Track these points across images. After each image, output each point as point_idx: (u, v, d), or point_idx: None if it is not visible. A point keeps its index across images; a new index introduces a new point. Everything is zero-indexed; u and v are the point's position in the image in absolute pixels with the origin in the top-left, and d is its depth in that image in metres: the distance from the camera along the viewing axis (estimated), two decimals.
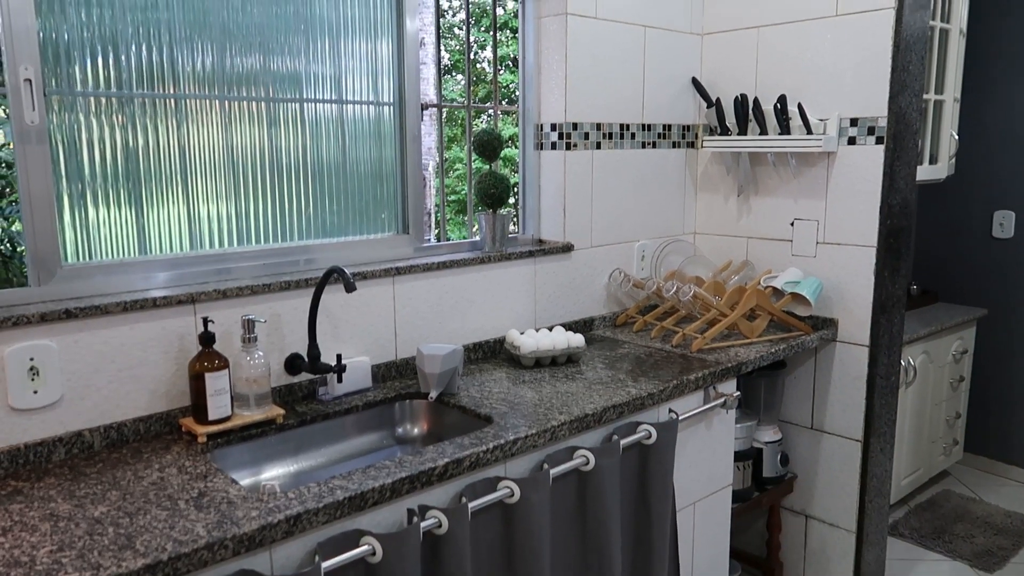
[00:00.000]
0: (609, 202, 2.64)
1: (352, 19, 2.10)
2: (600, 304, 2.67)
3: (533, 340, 2.19)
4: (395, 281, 2.09)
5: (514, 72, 2.44)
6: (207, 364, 1.67)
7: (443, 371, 1.94)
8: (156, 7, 1.76)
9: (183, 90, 1.82)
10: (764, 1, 2.66)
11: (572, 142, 2.48)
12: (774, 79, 2.67)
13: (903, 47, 2.38)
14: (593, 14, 2.47)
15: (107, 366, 1.63)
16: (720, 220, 2.90)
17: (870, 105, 2.44)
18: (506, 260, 2.35)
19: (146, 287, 1.77)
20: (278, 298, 1.88)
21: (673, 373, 2.11)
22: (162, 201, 1.83)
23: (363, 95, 2.14)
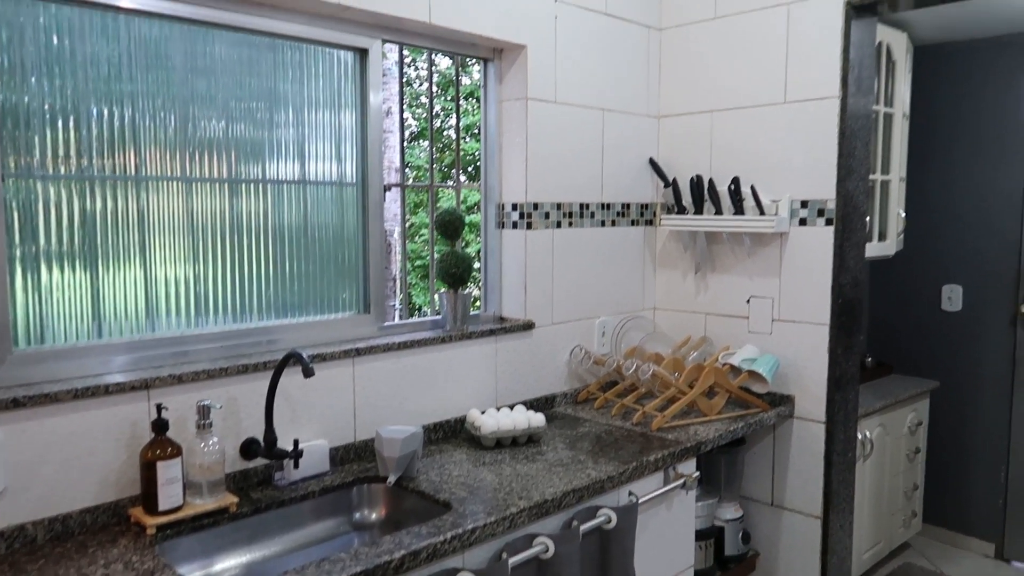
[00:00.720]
0: (570, 279, 2.68)
1: (317, 92, 2.14)
2: (561, 381, 2.68)
3: (494, 420, 2.18)
4: (355, 362, 2.09)
5: (478, 140, 2.57)
6: (159, 452, 1.64)
7: (402, 454, 1.92)
8: (120, 78, 1.78)
9: (144, 156, 1.82)
10: (717, 87, 2.78)
11: (533, 221, 2.53)
12: (728, 161, 2.76)
13: (848, 134, 2.49)
14: (553, 99, 2.55)
15: (54, 455, 1.59)
16: (678, 296, 2.96)
17: (819, 188, 2.53)
18: (467, 339, 2.36)
19: (100, 372, 1.74)
20: (235, 382, 1.85)
21: (633, 453, 2.12)
22: (119, 267, 1.81)
23: (326, 167, 2.17)
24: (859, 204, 2.58)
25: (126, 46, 1.79)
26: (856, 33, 2.47)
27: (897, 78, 3.22)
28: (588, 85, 2.67)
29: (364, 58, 2.20)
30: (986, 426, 3.74)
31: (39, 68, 1.66)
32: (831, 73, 2.48)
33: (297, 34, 2.04)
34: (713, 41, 2.78)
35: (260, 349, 2.01)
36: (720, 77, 2.77)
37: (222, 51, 1.94)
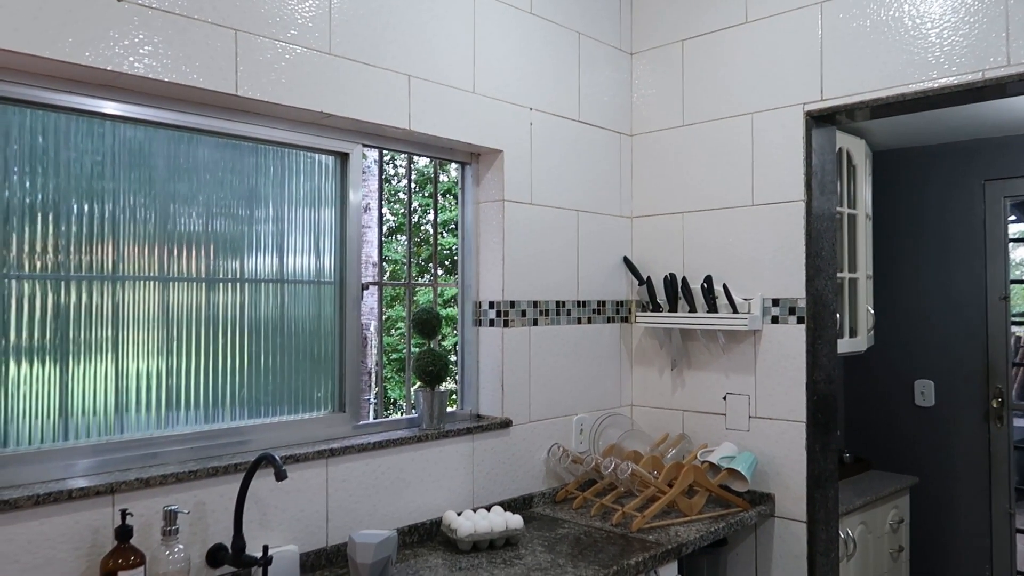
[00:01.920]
0: (547, 376, 2.68)
1: (297, 191, 2.18)
2: (539, 480, 2.64)
3: (470, 523, 2.13)
4: (328, 463, 2.04)
5: (456, 235, 2.62)
6: (121, 561, 1.57)
7: (376, 560, 1.86)
8: (102, 176, 1.81)
9: (123, 251, 1.83)
10: (687, 189, 2.87)
11: (510, 319, 2.55)
12: (700, 259, 2.83)
13: (815, 235, 2.58)
14: (528, 200, 2.62)
15: (9, 567, 1.51)
16: (655, 393, 2.96)
17: (789, 287, 2.59)
18: (444, 437, 2.33)
19: (64, 476, 1.68)
20: (204, 485, 1.80)
21: (613, 556, 2.07)
22: (90, 361, 1.78)
23: (305, 263, 2.18)
24: (829, 302, 2.64)
25: (110, 146, 1.82)
26: (817, 140, 2.59)
27: (858, 181, 3.36)
28: (563, 187, 2.75)
29: (345, 161, 2.26)
30: (968, 523, 3.71)
31: (22, 166, 1.69)
32: (795, 177, 2.58)
33: (279, 139, 2.10)
34: (682, 147, 2.89)
35: (231, 450, 1.96)
36: (690, 180, 2.87)
37: (204, 153, 1.99)
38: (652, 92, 3.00)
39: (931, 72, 2.31)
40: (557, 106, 2.74)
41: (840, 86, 2.49)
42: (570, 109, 2.79)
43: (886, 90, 2.39)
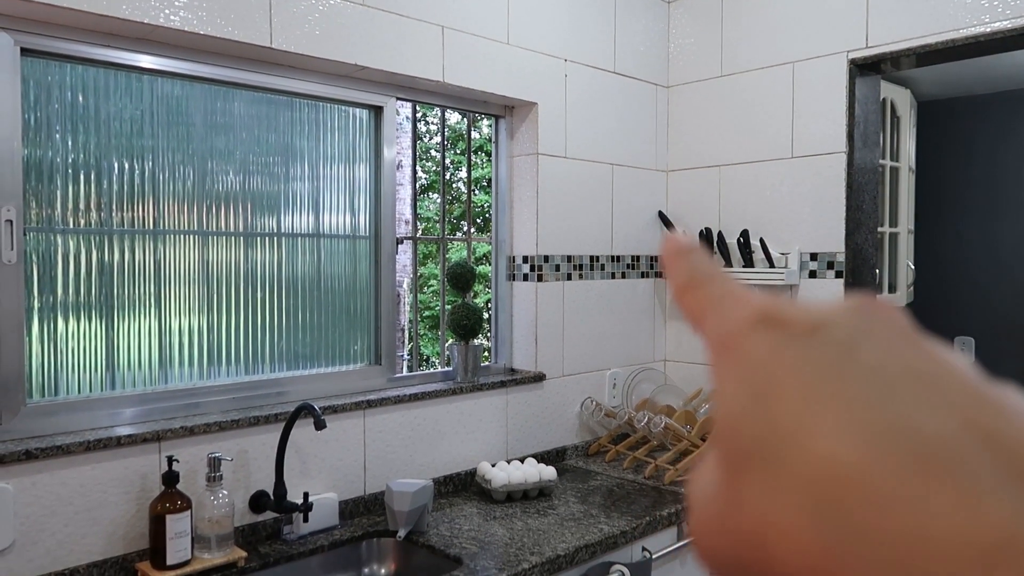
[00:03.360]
0: (580, 331, 2.68)
1: (332, 147, 2.18)
2: (572, 433, 2.66)
3: (504, 474, 2.17)
4: (366, 414, 2.08)
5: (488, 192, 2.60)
6: (169, 505, 1.63)
7: (412, 508, 1.90)
8: (141, 134, 1.83)
9: (162, 209, 1.86)
10: (724, 142, 2.82)
11: (543, 273, 2.55)
12: (737, 214, 2.79)
13: (856, 187, 2.52)
14: (563, 154, 2.60)
15: (64, 508, 1.58)
16: (689, 348, 2.95)
17: (828, 241, 2.54)
18: (478, 391, 2.35)
19: (112, 424, 1.74)
20: (246, 434, 1.85)
21: (646, 507, 2.09)
22: (134, 318, 1.83)
23: (340, 220, 2.20)
24: (868, 256, 2.59)
25: (148, 104, 1.84)
26: (861, 90, 2.51)
27: (902, 133, 3.27)
28: (597, 140, 2.72)
29: (379, 115, 2.25)
30: None
31: (63, 125, 1.71)
32: (837, 129, 2.52)
33: (314, 92, 2.09)
34: (720, 98, 2.83)
35: (271, 401, 2.01)
36: (727, 132, 2.81)
37: (241, 108, 2.00)
38: (690, 42, 2.93)
39: (983, 16, 2.22)
40: (592, 57, 2.69)
41: (886, 32, 2.40)
42: (605, 60, 2.74)
43: (935, 36, 2.31)
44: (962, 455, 0.17)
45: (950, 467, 0.17)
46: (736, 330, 0.22)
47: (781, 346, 0.20)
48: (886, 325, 0.21)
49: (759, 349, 0.21)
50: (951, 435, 0.17)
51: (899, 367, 0.19)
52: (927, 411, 0.18)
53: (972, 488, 0.17)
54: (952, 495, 0.17)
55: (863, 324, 0.21)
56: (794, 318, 0.21)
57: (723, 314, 0.23)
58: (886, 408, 0.18)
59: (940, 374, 0.19)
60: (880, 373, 0.19)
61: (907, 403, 0.18)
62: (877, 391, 0.19)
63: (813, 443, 0.18)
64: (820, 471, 0.18)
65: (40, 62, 1.67)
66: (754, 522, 0.19)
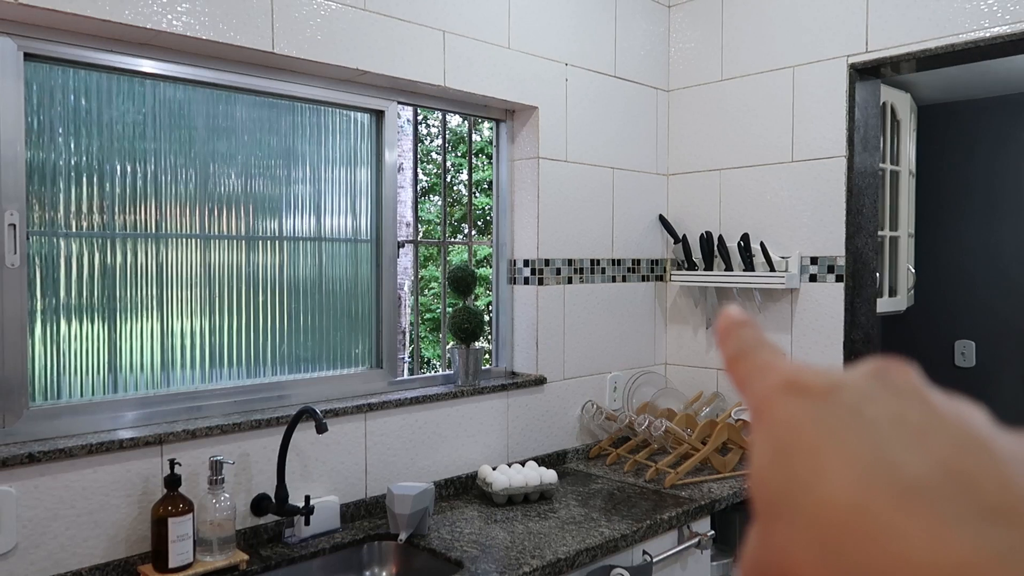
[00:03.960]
0: (581, 334, 2.69)
1: (333, 151, 2.19)
2: (573, 436, 2.67)
3: (505, 477, 2.17)
4: (367, 417, 2.09)
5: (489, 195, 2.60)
6: (171, 508, 1.63)
7: (413, 511, 1.90)
8: (144, 137, 1.83)
9: (164, 212, 1.87)
10: (725, 146, 2.83)
11: (544, 277, 2.55)
12: (737, 218, 2.79)
13: (856, 191, 2.53)
14: (563, 158, 2.60)
15: (66, 511, 1.59)
16: (690, 352, 2.96)
17: (828, 245, 2.55)
18: (479, 394, 2.36)
19: (114, 427, 1.74)
20: (248, 437, 1.86)
21: (647, 511, 2.09)
22: (136, 320, 1.83)
23: (342, 223, 2.21)
24: (868, 260, 2.59)
25: (151, 108, 1.85)
26: (861, 94, 2.52)
27: (902, 137, 3.27)
28: (598, 144, 2.72)
29: (380, 119, 2.26)
30: None
31: (66, 128, 1.72)
32: (837, 133, 2.52)
33: (315, 97, 2.10)
34: (720, 102, 2.84)
35: (272, 404, 2.02)
36: (728, 136, 2.82)
37: (242, 112, 2.00)
38: (690, 46, 2.93)
39: (983, 21, 2.23)
40: (593, 61, 2.70)
41: (886, 37, 2.41)
42: (606, 64, 2.75)
43: (935, 40, 2.31)
44: (938, 493, 0.20)
45: (926, 503, 0.20)
46: (767, 396, 0.25)
47: (800, 409, 0.24)
48: (894, 385, 0.24)
49: (782, 412, 0.24)
50: (930, 477, 0.20)
51: (894, 420, 0.22)
52: (913, 457, 0.21)
53: (941, 523, 0.19)
54: (925, 527, 0.19)
55: (872, 385, 0.24)
56: (814, 383, 0.24)
57: (759, 382, 0.26)
58: (877, 456, 0.21)
59: (933, 424, 0.22)
60: (877, 427, 0.22)
61: (896, 451, 0.21)
62: (872, 443, 0.22)
63: (819, 490, 0.22)
64: (824, 513, 0.21)
65: (43, 66, 1.68)
66: (779, 558, 0.22)
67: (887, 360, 0.25)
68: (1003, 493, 0.20)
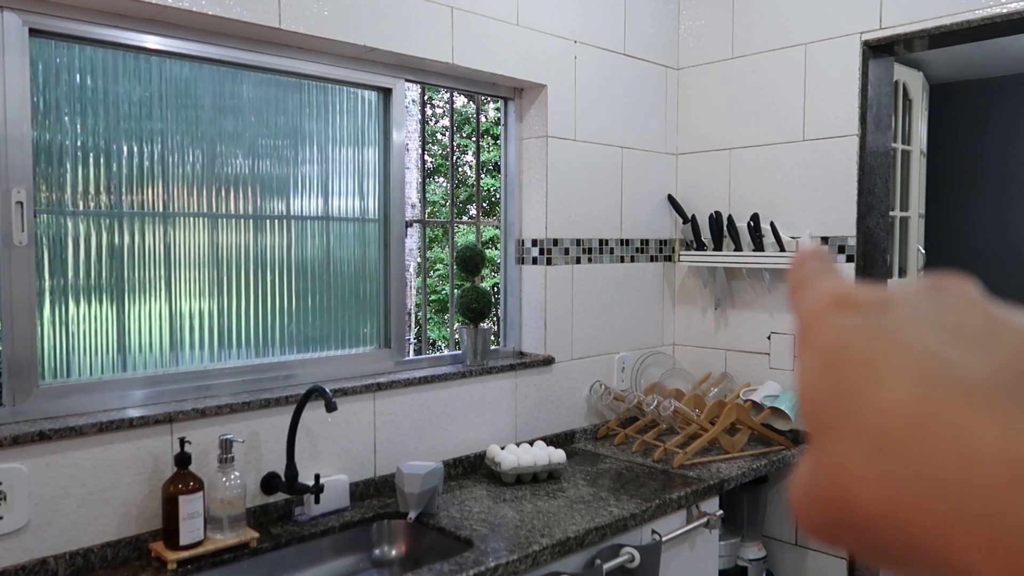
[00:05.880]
0: (589, 315, 2.68)
1: (341, 130, 2.17)
2: (581, 417, 2.66)
3: (514, 456, 2.17)
4: (376, 397, 2.09)
5: (495, 176, 2.57)
6: (181, 486, 1.64)
7: (423, 490, 1.90)
8: (150, 117, 1.82)
9: (171, 192, 1.86)
10: (735, 125, 2.80)
11: (552, 257, 2.54)
12: (747, 197, 2.77)
13: (868, 171, 2.50)
14: (572, 136, 2.58)
15: (77, 489, 1.59)
16: (698, 332, 2.95)
17: (840, 225, 2.53)
18: (487, 374, 2.35)
19: (124, 405, 1.74)
20: (257, 416, 1.86)
21: (655, 490, 2.09)
22: (145, 301, 1.83)
23: (349, 203, 2.19)
24: (879, 240, 2.57)
25: (157, 86, 1.83)
26: (874, 72, 2.49)
27: (914, 116, 3.24)
28: (607, 123, 2.70)
29: (388, 97, 2.24)
30: None
31: (72, 107, 1.71)
32: (850, 111, 2.49)
33: (323, 74, 2.08)
34: (731, 80, 2.81)
35: (281, 383, 2.01)
36: (738, 115, 2.79)
37: (249, 91, 1.98)
38: (700, 23, 2.90)
39: None
40: (602, 39, 2.66)
41: (900, 13, 2.37)
42: (615, 42, 2.71)
43: (949, 17, 2.28)
44: (1005, 391, 0.20)
45: (992, 400, 0.19)
46: (815, 312, 0.25)
47: (850, 323, 0.23)
48: (950, 296, 0.23)
49: (832, 327, 0.24)
50: (995, 375, 0.20)
51: (954, 327, 0.22)
52: (975, 358, 0.20)
53: (1010, 416, 0.19)
54: (992, 423, 0.19)
55: (928, 297, 0.23)
56: (866, 298, 0.24)
57: (808, 298, 0.26)
58: (938, 360, 0.21)
59: (994, 329, 0.21)
60: (936, 334, 0.21)
61: (958, 354, 0.21)
62: (931, 349, 0.21)
63: (875, 399, 0.21)
64: (882, 422, 0.21)
65: (48, 43, 1.67)
66: (833, 475, 0.22)
67: (943, 274, 0.24)
68: None
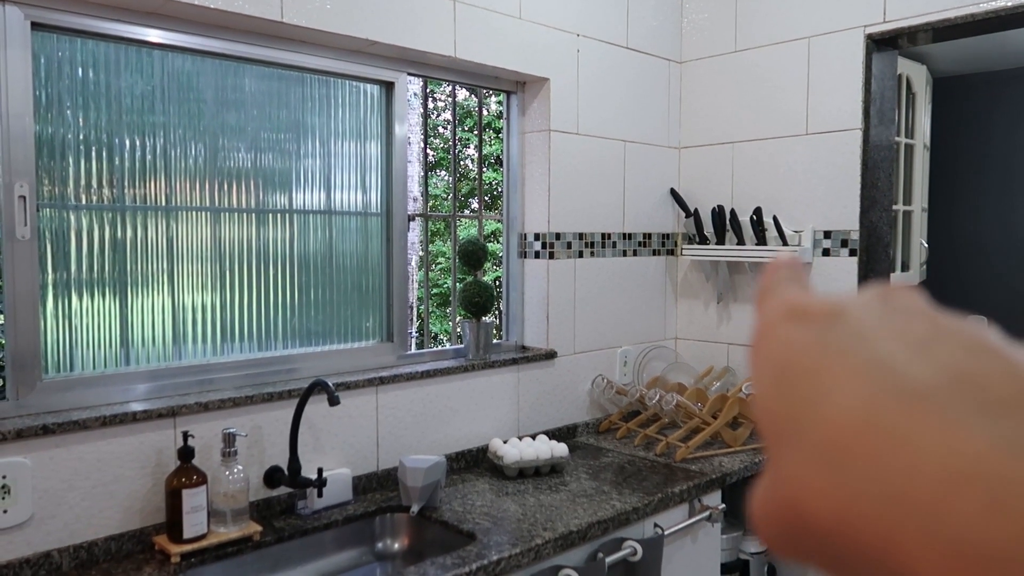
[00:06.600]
0: (591, 309, 2.68)
1: (343, 123, 2.17)
2: (583, 411, 2.67)
3: (516, 450, 2.17)
4: (378, 391, 2.09)
5: (497, 170, 2.56)
6: (185, 480, 1.64)
7: (426, 484, 1.91)
8: (152, 111, 1.82)
9: (174, 186, 1.85)
10: (738, 119, 2.79)
11: (555, 251, 2.54)
12: (750, 191, 2.77)
13: (871, 165, 2.49)
14: (575, 130, 2.58)
15: (81, 483, 1.59)
16: (701, 326, 2.95)
17: (842, 219, 2.52)
18: (490, 368, 2.36)
19: (127, 399, 1.75)
20: (260, 410, 1.86)
21: (657, 484, 2.09)
22: (147, 295, 1.83)
23: (352, 197, 2.19)
24: (883, 235, 2.57)
25: (159, 79, 1.83)
26: (877, 65, 2.48)
27: (917, 110, 3.23)
28: (610, 117, 2.69)
29: (390, 91, 2.23)
30: None
31: (74, 101, 1.70)
32: (853, 105, 2.49)
33: (325, 68, 2.08)
34: (734, 74, 2.80)
35: (284, 377, 2.02)
36: (741, 109, 2.78)
37: (251, 84, 1.98)
38: (703, 16, 2.89)
39: None
40: (605, 32, 2.66)
41: (904, 6, 2.36)
42: (618, 35, 2.71)
43: (954, 10, 2.27)
44: (946, 395, 0.20)
45: (933, 407, 0.20)
46: (768, 323, 0.25)
47: (800, 333, 0.23)
48: (897, 305, 0.23)
49: (783, 338, 0.24)
50: (937, 381, 0.20)
51: (899, 335, 0.22)
52: (919, 365, 0.20)
53: (951, 424, 0.19)
54: (934, 431, 0.19)
55: (875, 306, 0.23)
56: (815, 309, 0.24)
57: (764, 309, 0.26)
58: (882, 369, 0.21)
59: (938, 335, 0.21)
60: (881, 342, 0.22)
61: (901, 362, 0.21)
62: (876, 357, 0.21)
63: (824, 409, 0.21)
64: (830, 432, 0.21)
65: (50, 37, 1.66)
66: (788, 486, 0.22)
67: (889, 284, 0.25)
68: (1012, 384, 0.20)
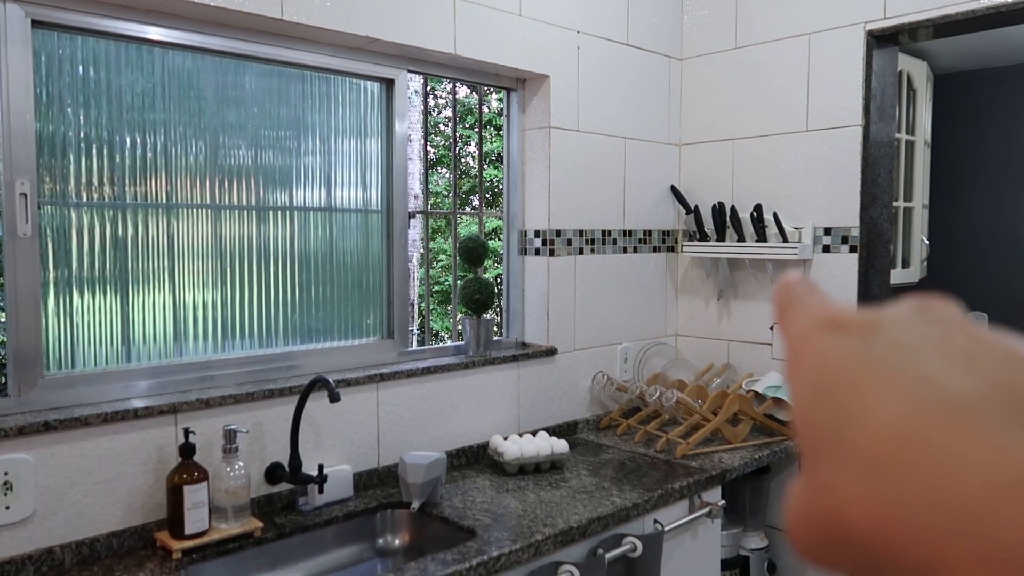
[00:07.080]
0: (592, 306, 2.68)
1: (343, 121, 2.17)
2: (583, 407, 2.67)
3: (516, 447, 2.18)
4: (379, 387, 2.09)
5: (498, 167, 2.56)
6: (186, 476, 1.65)
7: (426, 480, 1.91)
8: (153, 108, 1.82)
9: (175, 183, 1.86)
10: (738, 115, 2.79)
11: (555, 248, 2.54)
12: (750, 188, 2.77)
13: (871, 161, 2.49)
14: (575, 127, 2.58)
15: (83, 479, 1.60)
16: (701, 323, 2.95)
17: (843, 215, 2.53)
18: (490, 364, 2.36)
19: (128, 396, 1.75)
20: (261, 406, 1.86)
21: (657, 480, 2.10)
22: (148, 292, 1.83)
23: (352, 194, 2.19)
24: (883, 231, 2.57)
25: (160, 77, 1.83)
26: (878, 61, 2.48)
27: (918, 106, 3.23)
28: (610, 113, 2.69)
29: (390, 88, 2.24)
30: None
31: (75, 98, 1.71)
32: (853, 102, 2.48)
33: (325, 65, 2.08)
34: (734, 70, 2.80)
35: (284, 374, 2.02)
36: (741, 106, 2.78)
37: (252, 82, 1.98)
38: (704, 13, 2.89)
39: None
40: (605, 29, 2.65)
41: (905, 2, 2.36)
42: (618, 32, 2.71)
43: (955, 6, 2.27)
44: (991, 408, 0.20)
45: (977, 419, 0.20)
46: (805, 335, 0.25)
47: (839, 345, 0.24)
48: (934, 317, 0.24)
49: (821, 350, 0.24)
50: (980, 394, 0.20)
51: (939, 348, 0.22)
52: (961, 378, 0.21)
53: (994, 435, 0.19)
54: (978, 442, 0.19)
55: (913, 318, 0.24)
56: (855, 321, 0.24)
57: (797, 321, 0.26)
58: (925, 382, 0.21)
59: (979, 348, 0.22)
60: (922, 355, 0.22)
61: (944, 375, 0.21)
62: (918, 370, 0.21)
63: (866, 421, 0.21)
64: (873, 444, 0.21)
65: (51, 35, 1.67)
66: (830, 497, 0.22)
67: (927, 295, 0.25)
68: None
